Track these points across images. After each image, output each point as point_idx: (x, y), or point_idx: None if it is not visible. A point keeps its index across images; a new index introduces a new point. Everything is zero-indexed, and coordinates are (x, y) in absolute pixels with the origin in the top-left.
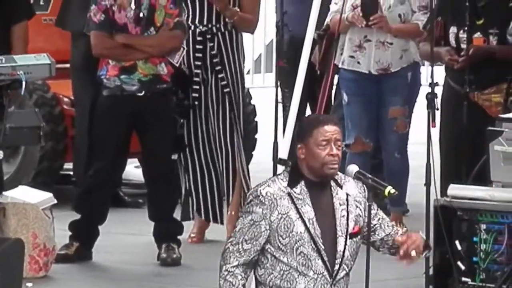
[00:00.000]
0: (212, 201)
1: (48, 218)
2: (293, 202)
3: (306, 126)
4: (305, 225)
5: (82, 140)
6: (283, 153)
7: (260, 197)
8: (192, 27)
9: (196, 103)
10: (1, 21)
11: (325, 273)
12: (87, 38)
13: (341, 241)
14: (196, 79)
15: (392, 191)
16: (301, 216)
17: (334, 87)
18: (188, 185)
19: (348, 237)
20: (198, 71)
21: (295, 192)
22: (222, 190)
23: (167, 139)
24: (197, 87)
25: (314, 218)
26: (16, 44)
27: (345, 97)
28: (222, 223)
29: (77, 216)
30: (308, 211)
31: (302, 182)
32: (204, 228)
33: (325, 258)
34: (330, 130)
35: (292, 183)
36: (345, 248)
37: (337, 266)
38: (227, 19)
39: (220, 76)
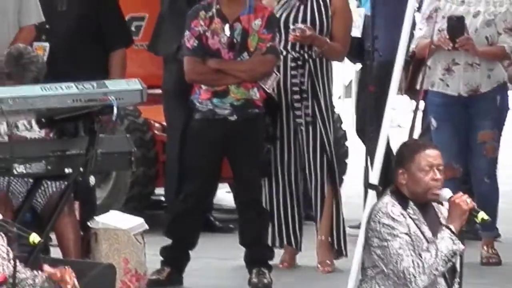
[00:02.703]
0: (293, 226)
1: (139, 243)
2: (414, 222)
3: (407, 151)
4: (428, 243)
5: (173, 165)
6: (374, 178)
7: (395, 217)
8: (284, 53)
9: (302, 128)
10: (100, 47)
11: None
12: (179, 63)
13: (457, 260)
14: (297, 104)
15: (486, 217)
16: (424, 236)
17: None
18: (276, 212)
19: None
20: (297, 96)
21: (410, 213)
22: (307, 215)
23: (258, 164)
24: (299, 112)
25: (432, 238)
26: (113, 71)
27: (433, 122)
28: (299, 248)
29: (169, 241)
30: (426, 231)
31: (411, 203)
32: (295, 253)
33: (447, 276)
34: (433, 154)
35: (403, 206)
36: (461, 267)
37: (456, 286)
38: (315, 49)
39: (310, 102)
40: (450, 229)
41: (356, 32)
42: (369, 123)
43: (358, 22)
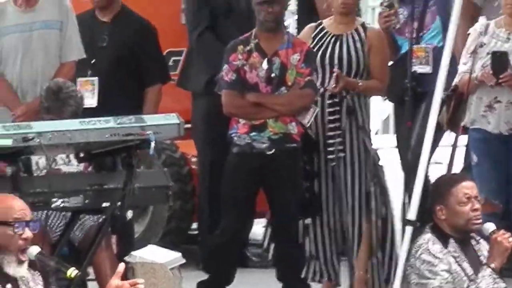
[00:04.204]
0: (332, 261)
1: (176, 277)
2: (455, 259)
3: (444, 186)
4: (469, 281)
5: (205, 198)
6: (412, 214)
7: (436, 254)
8: (322, 90)
9: (333, 164)
10: (136, 81)
11: None
12: (208, 97)
13: None
14: (331, 141)
15: None
16: (465, 274)
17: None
18: (314, 248)
19: None
20: (332, 133)
21: (450, 251)
22: (345, 251)
23: (296, 198)
24: (332, 148)
25: (474, 275)
26: (147, 106)
27: (474, 157)
28: (339, 283)
29: (205, 276)
30: (467, 268)
31: (451, 240)
32: (334, 286)
33: None
34: (469, 186)
35: (444, 244)
36: None
37: None
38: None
39: (349, 138)
40: (491, 267)
41: (427, 69)
42: (407, 158)
43: (426, 58)
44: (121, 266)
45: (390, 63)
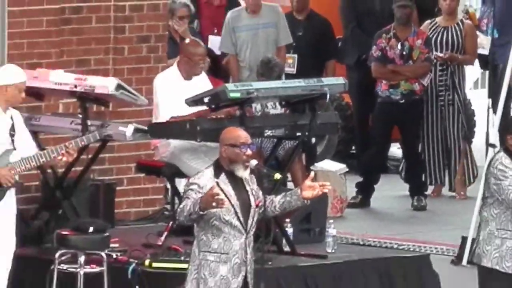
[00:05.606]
0: (443, 169)
1: (342, 179)
2: None
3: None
4: None
5: (359, 132)
6: (493, 140)
7: (506, 164)
8: (435, 61)
9: (444, 109)
10: (319, 57)
11: None
12: (357, 70)
13: None
14: (441, 93)
15: None
16: None
17: None
18: (428, 161)
19: None
20: (442, 88)
21: None
22: (449, 162)
23: (417, 130)
24: (442, 99)
25: None
26: (328, 73)
27: None
28: (443, 184)
29: (360, 179)
30: None
31: None
32: (441, 187)
33: None
34: None
35: None
36: None
37: None
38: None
39: (449, 93)
40: None
41: (485, 51)
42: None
43: (487, 45)
44: (312, 173)
45: None
